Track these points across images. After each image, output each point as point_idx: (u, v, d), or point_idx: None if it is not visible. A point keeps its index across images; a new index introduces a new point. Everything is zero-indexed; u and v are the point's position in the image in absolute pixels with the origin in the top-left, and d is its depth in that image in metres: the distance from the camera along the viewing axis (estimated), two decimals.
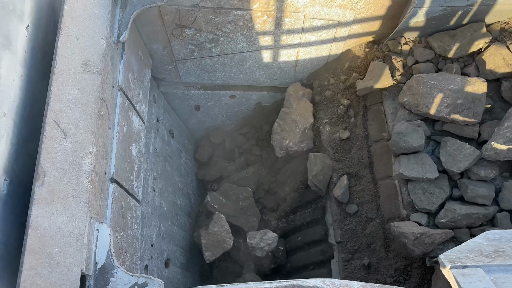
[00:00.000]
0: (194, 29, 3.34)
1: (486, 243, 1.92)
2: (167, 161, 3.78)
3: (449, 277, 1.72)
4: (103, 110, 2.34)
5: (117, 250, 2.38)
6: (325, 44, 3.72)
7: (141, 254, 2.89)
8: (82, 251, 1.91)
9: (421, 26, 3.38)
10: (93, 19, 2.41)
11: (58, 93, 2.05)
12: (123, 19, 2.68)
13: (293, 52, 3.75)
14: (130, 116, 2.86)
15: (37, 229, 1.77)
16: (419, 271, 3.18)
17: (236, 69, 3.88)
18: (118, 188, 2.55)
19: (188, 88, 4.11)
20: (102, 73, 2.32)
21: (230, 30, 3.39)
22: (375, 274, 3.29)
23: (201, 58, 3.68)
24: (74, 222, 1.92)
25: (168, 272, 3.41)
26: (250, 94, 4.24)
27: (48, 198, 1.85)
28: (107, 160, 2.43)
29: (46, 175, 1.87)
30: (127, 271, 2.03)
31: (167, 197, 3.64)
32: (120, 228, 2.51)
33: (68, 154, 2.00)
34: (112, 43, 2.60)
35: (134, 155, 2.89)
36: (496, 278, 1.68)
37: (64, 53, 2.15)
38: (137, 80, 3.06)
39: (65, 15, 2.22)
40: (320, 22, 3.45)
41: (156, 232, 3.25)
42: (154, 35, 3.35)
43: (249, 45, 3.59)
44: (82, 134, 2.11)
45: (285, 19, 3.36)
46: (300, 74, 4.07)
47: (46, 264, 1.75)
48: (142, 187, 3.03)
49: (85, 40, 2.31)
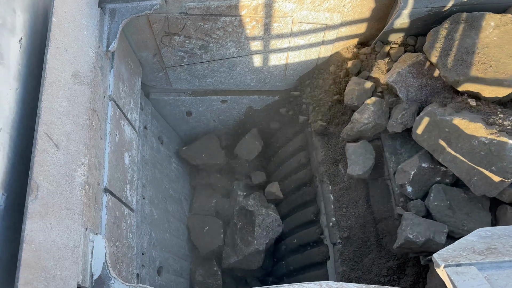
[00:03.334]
0: (183, 36, 3.35)
1: (478, 240, 1.95)
2: (156, 168, 3.77)
3: (443, 276, 1.75)
4: (94, 120, 2.33)
5: (113, 260, 2.37)
6: (314, 47, 3.75)
7: (134, 262, 2.88)
8: (78, 263, 1.91)
9: (407, 27, 3.42)
10: (82, 30, 2.40)
11: (48, 106, 2.05)
12: (112, 29, 2.68)
13: (283, 56, 3.77)
14: (121, 125, 2.86)
15: (32, 243, 1.76)
16: (414, 269, 3.21)
17: (226, 74, 3.89)
18: (112, 198, 2.55)
19: (179, 94, 4.11)
20: (92, 84, 2.32)
21: (219, 36, 3.41)
22: (368, 274, 3.32)
23: (191, 64, 3.69)
24: (69, 234, 1.92)
25: (161, 279, 3.40)
26: (241, 99, 4.26)
27: (42, 211, 1.85)
28: (100, 170, 2.42)
29: (39, 188, 1.87)
30: (123, 282, 2.03)
31: (158, 204, 3.63)
32: (115, 238, 2.51)
33: (60, 166, 2.00)
34: (102, 53, 2.60)
35: (127, 164, 2.89)
36: (489, 275, 1.71)
37: (54, 65, 2.15)
38: (127, 88, 3.06)
39: (54, 27, 2.22)
40: (308, 26, 3.47)
41: (147, 240, 3.24)
42: (144, 43, 3.35)
43: (238, 51, 3.60)
44: (74, 145, 2.11)
45: (273, 24, 3.38)
46: (290, 78, 4.09)
47: (42, 278, 1.75)
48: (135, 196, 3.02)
49: (74, 51, 2.31)
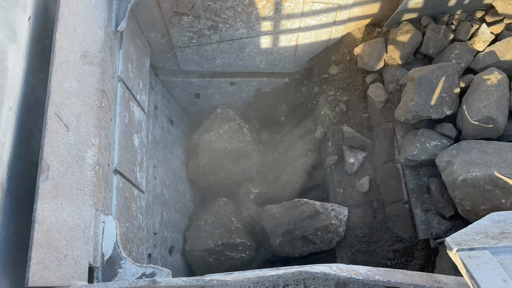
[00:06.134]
0: (192, 16, 3.30)
1: (491, 224, 1.92)
2: (167, 148, 3.76)
3: (456, 259, 1.73)
4: (104, 101, 2.32)
5: (124, 241, 2.39)
6: (325, 28, 3.68)
7: (145, 243, 2.90)
8: (89, 244, 1.92)
9: (421, 7, 3.33)
10: (91, 9, 2.37)
11: (58, 86, 2.03)
12: (121, 8, 2.64)
13: (293, 37, 3.70)
14: (131, 107, 2.84)
15: (43, 223, 1.77)
16: (422, 253, 3.20)
17: (235, 56, 3.84)
18: (122, 179, 2.55)
19: (188, 76, 4.07)
20: (101, 64, 2.30)
21: (228, 16, 3.35)
22: (374, 257, 3.32)
23: (200, 45, 3.64)
24: (79, 215, 1.92)
25: (173, 259, 3.43)
26: (250, 81, 4.21)
27: (53, 192, 1.85)
28: (110, 151, 2.42)
29: (50, 169, 1.87)
30: (134, 262, 2.04)
31: (169, 185, 3.63)
32: (126, 219, 2.52)
33: (71, 147, 1.99)
34: (111, 33, 2.57)
35: (137, 146, 2.88)
36: (502, 260, 1.69)
37: (63, 45, 2.12)
38: (136, 69, 3.03)
39: (62, 6, 2.18)
40: (319, 5, 3.40)
41: (158, 220, 3.25)
42: (152, 23, 3.31)
43: (248, 31, 3.54)
44: (84, 126, 2.10)
45: (284, 4, 3.31)
46: (300, 59, 4.03)
47: (54, 257, 1.76)
48: (145, 177, 3.03)
49: (83, 31, 2.28)
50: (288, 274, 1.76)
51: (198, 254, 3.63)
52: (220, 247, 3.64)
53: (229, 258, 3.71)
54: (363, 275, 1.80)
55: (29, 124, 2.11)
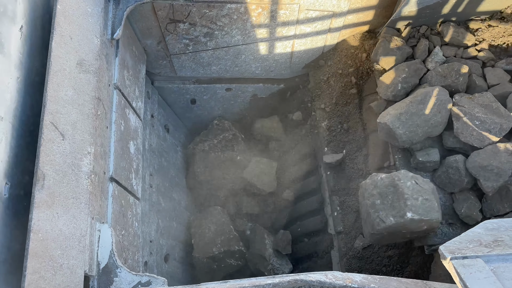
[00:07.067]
0: (188, 24, 3.31)
1: (485, 232, 1.94)
2: (163, 156, 3.77)
3: (450, 268, 1.75)
4: (100, 109, 2.32)
5: (119, 249, 2.39)
6: (320, 35, 3.70)
7: (141, 250, 2.90)
8: (85, 252, 1.92)
9: (415, 15, 3.36)
10: (87, 17, 2.38)
11: (54, 94, 2.03)
12: (117, 16, 2.65)
13: (289, 44, 3.73)
14: (127, 114, 2.85)
15: (39, 233, 1.77)
16: (417, 259, 3.21)
17: (231, 62, 3.85)
18: (118, 187, 2.55)
19: (184, 82, 4.08)
20: (97, 72, 2.30)
21: (224, 23, 3.36)
22: (369, 263, 3.33)
23: (196, 52, 3.66)
24: (75, 223, 1.92)
25: (168, 267, 3.43)
26: (246, 87, 4.23)
27: (49, 201, 1.85)
28: (106, 159, 2.42)
29: (45, 178, 1.87)
30: (130, 270, 2.04)
31: (165, 193, 3.64)
32: (121, 227, 2.52)
33: (66, 155, 2.00)
34: (106, 41, 2.57)
35: (132, 153, 2.89)
36: (495, 268, 1.70)
37: (59, 53, 2.13)
38: (132, 77, 3.04)
39: (58, 14, 2.19)
40: (315, 13, 3.42)
41: (154, 228, 3.26)
42: (148, 31, 3.32)
43: (244, 38, 3.56)
44: (80, 134, 2.10)
45: (279, 11, 3.33)
46: (296, 66, 4.06)
47: (49, 267, 1.76)
48: (141, 184, 3.03)
49: (79, 39, 2.28)
50: (284, 282, 1.77)
51: (206, 261, 3.69)
52: (222, 254, 3.71)
53: (228, 265, 3.75)
54: (358, 283, 1.81)
55: (34, 134, 2.11)
